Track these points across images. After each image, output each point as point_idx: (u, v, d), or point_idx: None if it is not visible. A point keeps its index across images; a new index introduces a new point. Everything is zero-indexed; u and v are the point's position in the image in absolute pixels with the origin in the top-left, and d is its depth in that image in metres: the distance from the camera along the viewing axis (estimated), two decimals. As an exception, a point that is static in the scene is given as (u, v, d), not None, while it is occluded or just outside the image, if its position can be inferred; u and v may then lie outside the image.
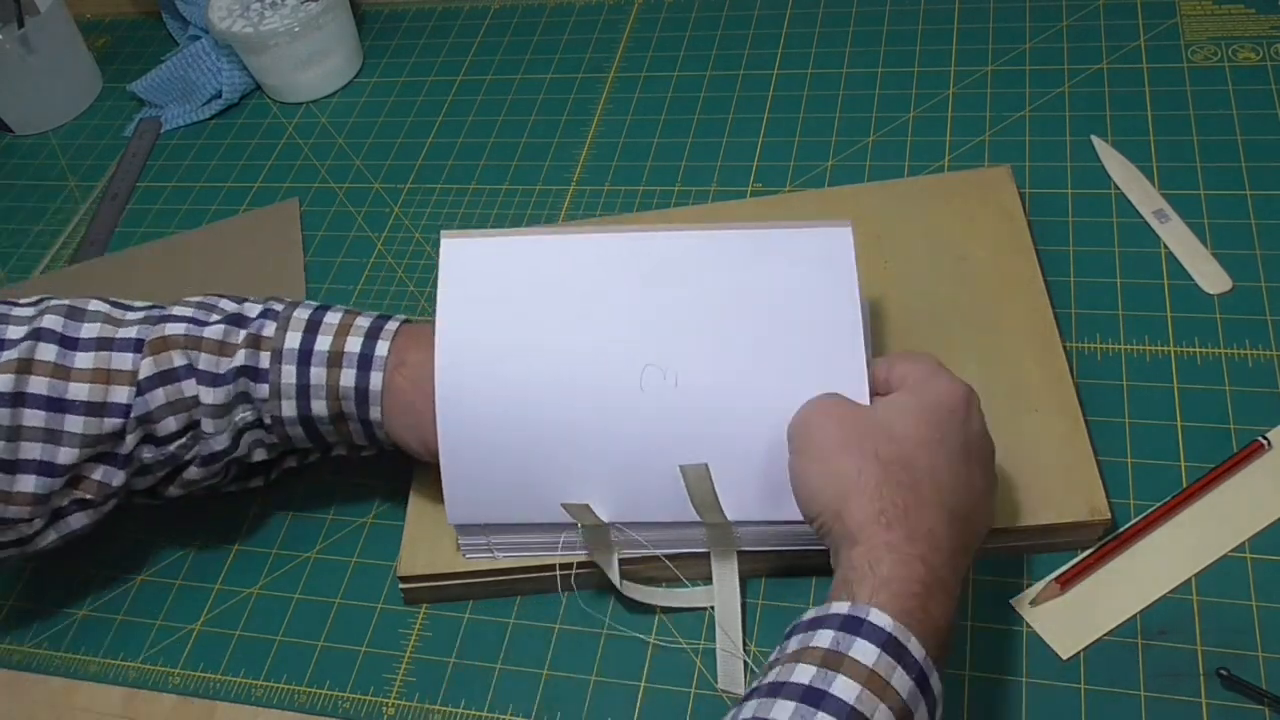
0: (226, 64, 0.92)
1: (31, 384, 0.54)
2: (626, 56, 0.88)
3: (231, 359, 0.56)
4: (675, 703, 0.54)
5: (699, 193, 0.76)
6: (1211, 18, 0.79)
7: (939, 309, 0.62)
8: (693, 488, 0.52)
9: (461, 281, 0.56)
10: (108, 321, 0.56)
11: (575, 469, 0.55)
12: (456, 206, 0.80)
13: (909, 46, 0.82)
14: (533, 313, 0.55)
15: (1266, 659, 0.50)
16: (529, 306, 0.55)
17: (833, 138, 0.78)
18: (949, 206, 0.67)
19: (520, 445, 0.55)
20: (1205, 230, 0.66)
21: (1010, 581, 0.55)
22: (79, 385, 0.55)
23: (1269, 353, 0.60)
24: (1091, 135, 0.73)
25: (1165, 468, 0.57)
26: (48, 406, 0.54)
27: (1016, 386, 0.58)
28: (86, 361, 0.55)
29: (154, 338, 0.56)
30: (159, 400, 0.55)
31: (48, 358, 0.54)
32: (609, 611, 0.58)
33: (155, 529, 0.67)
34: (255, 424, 0.57)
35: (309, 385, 0.56)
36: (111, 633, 0.63)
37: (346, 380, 0.55)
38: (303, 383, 0.56)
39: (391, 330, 0.56)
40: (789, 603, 0.56)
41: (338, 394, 0.56)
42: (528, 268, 0.55)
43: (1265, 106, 0.72)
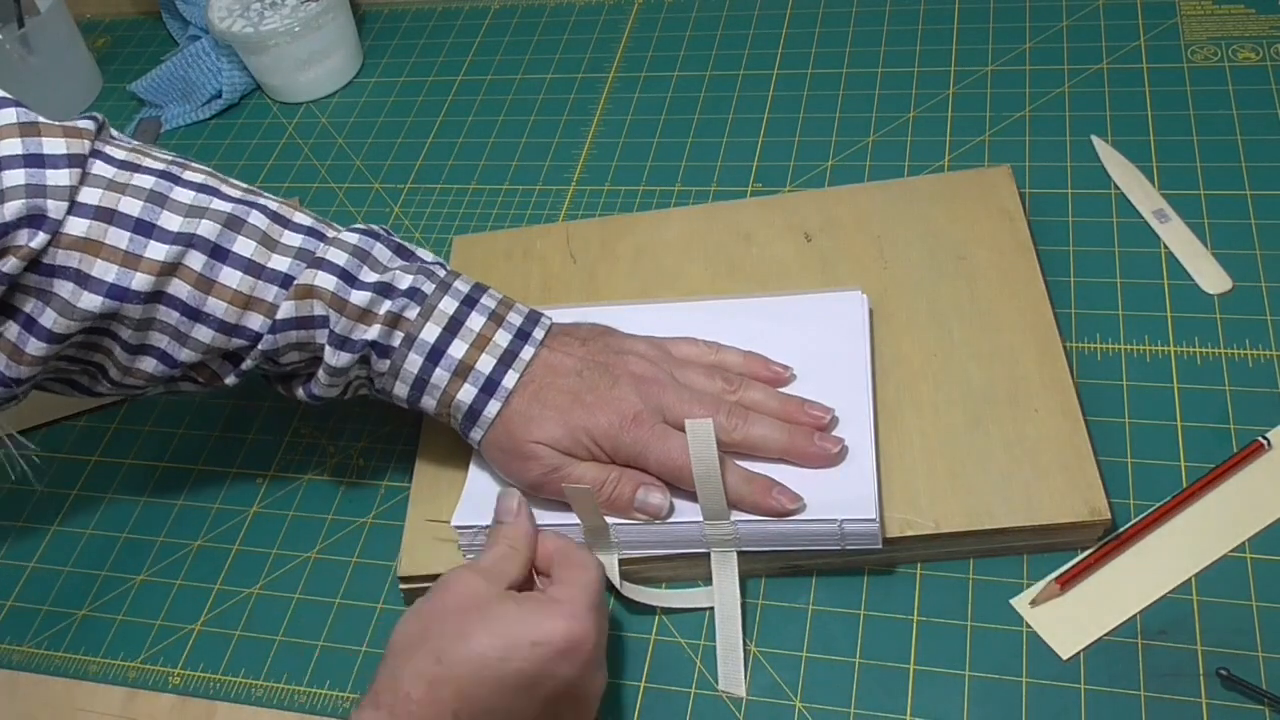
0: (226, 64, 0.92)
1: (173, 286, 0.54)
2: (626, 56, 0.88)
3: (367, 329, 0.55)
4: (675, 703, 0.54)
5: (699, 193, 0.76)
6: (1211, 18, 0.79)
7: (939, 309, 0.62)
8: (695, 445, 0.52)
9: None
10: (264, 243, 0.56)
11: None
12: (456, 206, 0.80)
13: (909, 46, 0.82)
14: None
15: (1266, 659, 0.50)
16: None
17: (833, 138, 0.78)
18: (949, 206, 0.67)
19: None
20: (1205, 230, 0.66)
21: (1010, 581, 0.55)
22: (217, 301, 0.55)
23: (1269, 353, 0.60)
24: (1091, 135, 0.73)
25: (1165, 468, 0.57)
26: (183, 311, 0.55)
27: (1016, 386, 0.58)
28: (231, 280, 0.55)
29: (302, 283, 0.55)
30: (289, 340, 0.56)
31: (194, 266, 0.54)
32: (609, 611, 0.58)
33: (155, 529, 0.67)
34: (365, 380, 0.58)
35: (428, 382, 0.56)
36: (111, 633, 0.63)
37: (465, 396, 0.56)
38: (423, 377, 0.56)
39: (525, 360, 0.56)
40: (789, 603, 0.56)
41: (451, 402, 0.56)
42: None
43: (1265, 106, 0.72)
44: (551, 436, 0.55)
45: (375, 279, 0.56)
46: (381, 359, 0.56)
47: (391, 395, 0.57)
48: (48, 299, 0.53)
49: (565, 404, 0.55)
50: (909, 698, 0.52)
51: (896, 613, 0.55)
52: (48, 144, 0.53)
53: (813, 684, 0.53)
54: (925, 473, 0.56)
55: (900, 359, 0.61)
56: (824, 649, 0.54)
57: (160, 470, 0.70)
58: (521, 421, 0.55)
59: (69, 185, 0.52)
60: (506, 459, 0.56)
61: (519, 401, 0.56)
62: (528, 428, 0.55)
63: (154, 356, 0.56)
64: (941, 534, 0.54)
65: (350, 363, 0.56)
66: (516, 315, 0.58)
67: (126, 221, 0.53)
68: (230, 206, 0.56)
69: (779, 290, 0.65)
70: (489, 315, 0.57)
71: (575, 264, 0.70)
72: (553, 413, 0.55)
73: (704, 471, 0.52)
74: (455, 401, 0.56)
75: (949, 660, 0.53)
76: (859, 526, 0.53)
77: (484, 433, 0.56)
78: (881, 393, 0.59)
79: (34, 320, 0.53)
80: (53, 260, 0.52)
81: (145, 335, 0.55)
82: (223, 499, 0.67)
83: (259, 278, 0.55)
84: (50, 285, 0.53)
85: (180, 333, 0.55)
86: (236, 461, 0.69)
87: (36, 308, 0.53)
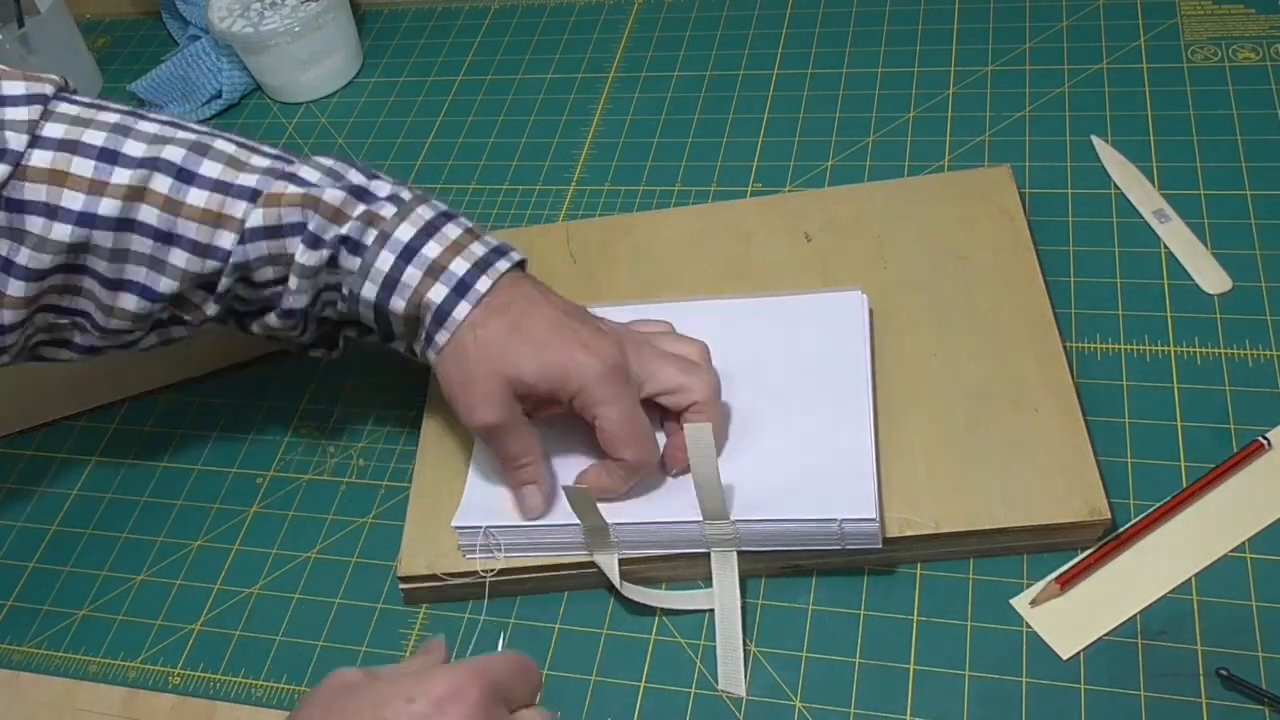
0: (226, 64, 0.92)
1: (142, 212, 0.55)
2: (626, 56, 0.88)
3: (340, 227, 0.55)
4: (675, 703, 0.54)
5: (699, 193, 0.76)
6: (1211, 18, 0.78)
7: (939, 309, 0.62)
8: (694, 449, 0.52)
9: None
10: (230, 165, 0.56)
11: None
12: (456, 206, 0.79)
13: (909, 46, 0.82)
14: None
15: (1266, 659, 0.50)
16: None
17: (833, 138, 0.78)
18: (949, 206, 0.67)
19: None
20: (1205, 230, 0.66)
21: (1010, 581, 0.55)
22: (187, 222, 0.55)
23: (1269, 353, 0.60)
24: (1091, 135, 0.73)
25: (1165, 468, 0.57)
26: (155, 236, 0.55)
27: (1016, 386, 0.58)
28: (199, 199, 0.55)
29: (271, 192, 0.55)
30: (260, 252, 0.56)
31: (160, 189, 0.55)
32: (609, 611, 0.58)
33: (155, 529, 0.67)
34: (335, 288, 0.58)
35: (399, 281, 0.55)
36: (111, 633, 0.63)
37: (435, 295, 0.54)
38: (394, 275, 0.55)
39: (500, 270, 0.55)
40: (789, 603, 0.56)
41: (421, 301, 0.55)
42: None
43: (1265, 106, 0.72)
44: (523, 372, 0.54)
45: (351, 183, 0.56)
46: (352, 256, 0.55)
47: (359, 300, 0.56)
48: (20, 237, 0.54)
49: (545, 336, 0.54)
50: (909, 698, 0.52)
51: (896, 613, 0.55)
52: (6, 85, 0.54)
53: (813, 684, 0.53)
54: (925, 473, 0.56)
55: (900, 359, 0.61)
56: (824, 649, 0.54)
57: (160, 470, 0.70)
58: (496, 349, 0.54)
59: (28, 120, 0.53)
60: (464, 387, 0.55)
61: (497, 325, 0.54)
62: (502, 356, 0.54)
63: (134, 292, 0.56)
64: (941, 534, 0.54)
65: (321, 261, 0.55)
66: (493, 239, 0.57)
67: (90, 150, 0.54)
68: (194, 135, 0.57)
69: (779, 290, 0.65)
70: (465, 230, 0.56)
71: (575, 264, 0.70)
72: (530, 347, 0.54)
73: (703, 473, 0.52)
74: (425, 301, 0.55)
75: (949, 660, 0.53)
76: (859, 526, 0.53)
77: (450, 336, 0.55)
78: (881, 393, 0.59)
79: (10, 261, 0.54)
80: (20, 195, 0.53)
81: (121, 269, 0.56)
82: (223, 499, 0.67)
83: (227, 194, 0.55)
84: (22, 223, 0.54)
85: (155, 259, 0.55)
86: (236, 461, 0.69)
87: (11, 249, 0.54)
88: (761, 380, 0.60)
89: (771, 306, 0.63)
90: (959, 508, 0.54)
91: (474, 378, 0.54)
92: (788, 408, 0.58)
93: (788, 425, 0.57)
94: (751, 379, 0.60)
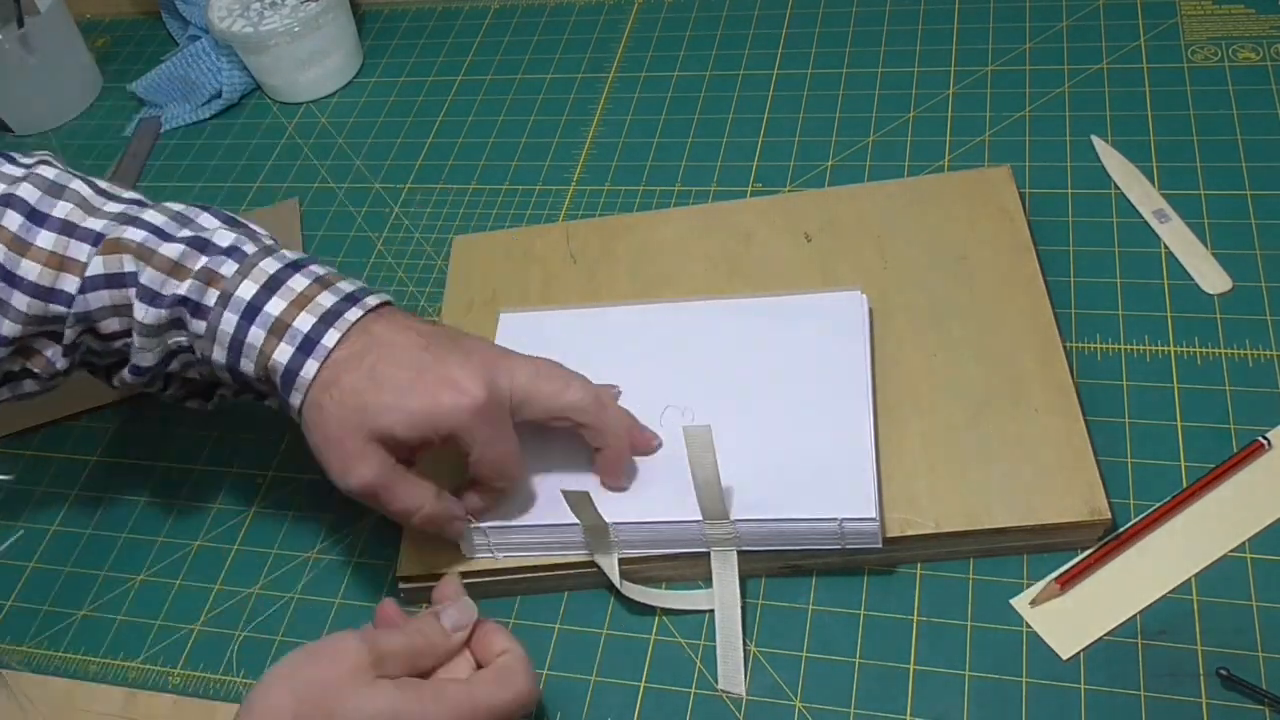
0: (226, 64, 0.92)
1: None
2: (626, 56, 0.88)
3: (179, 285, 0.53)
4: (675, 703, 0.54)
5: (699, 193, 0.76)
6: (1211, 18, 0.78)
7: (939, 309, 0.62)
8: (694, 453, 0.52)
9: (510, 344, 0.58)
10: (80, 206, 0.54)
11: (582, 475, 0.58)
12: (456, 206, 0.80)
13: (909, 46, 0.82)
14: (568, 366, 0.57)
15: (1266, 659, 0.50)
16: (566, 363, 0.57)
17: (833, 138, 0.78)
18: (949, 206, 0.67)
19: (536, 460, 0.58)
20: (1205, 230, 0.66)
21: (1010, 581, 0.55)
22: (31, 264, 0.53)
23: (1269, 353, 0.60)
24: (1091, 135, 0.73)
25: (1165, 468, 0.57)
26: (0, 277, 0.53)
27: (1016, 386, 0.58)
28: (46, 242, 0.53)
29: (111, 237, 0.53)
30: (102, 301, 0.53)
31: (10, 227, 0.53)
32: (609, 611, 0.58)
33: (155, 528, 0.67)
34: (187, 350, 0.55)
35: (244, 342, 0.52)
36: (111, 633, 0.63)
37: (280, 356, 0.51)
38: (239, 337, 0.52)
39: (350, 320, 0.52)
40: (789, 603, 0.56)
41: (268, 365, 0.52)
42: (569, 332, 0.61)
43: (1265, 106, 0.72)
44: (388, 425, 0.50)
45: (189, 234, 0.54)
46: (197, 319, 0.53)
47: (212, 363, 0.54)
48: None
49: (407, 381, 0.51)
50: (909, 698, 0.52)
51: (896, 613, 0.55)
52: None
53: (813, 684, 0.53)
54: (925, 473, 0.56)
55: (900, 359, 0.61)
56: (824, 649, 0.54)
57: (160, 470, 0.70)
58: (355, 404, 0.50)
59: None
60: (330, 450, 0.51)
61: (351, 379, 0.51)
62: (362, 412, 0.50)
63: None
64: (941, 534, 0.54)
65: (160, 320, 0.53)
66: (348, 284, 0.54)
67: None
68: (56, 174, 0.55)
69: (779, 290, 0.65)
70: (315, 279, 0.53)
71: (575, 264, 0.70)
72: (391, 396, 0.50)
73: (703, 474, 0.52)
74: (271, 363, 0.51)
75: (949, 660, 0.53)
76: (859, 526, 0.53)
77: (303, 398, 0.51)
78: (881, 393, 0.59)
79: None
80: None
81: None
82: (223, 499, 0.67)
83: (72, 236, 0.53)
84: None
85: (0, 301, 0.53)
86: (236, 462, 0.69)
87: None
88: (762, 380, 0.60)
89: (771, 306, 0.63)
90: (959, 508, 0.54)
91: (337, 440, 0.51)
92: (788, 408, 0.58)
93: (788, 425, 0.57)
94: (752, 379, 0.60)
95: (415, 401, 0.50)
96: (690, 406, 0.59)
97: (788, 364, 0.60)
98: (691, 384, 0.60)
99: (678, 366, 0.61)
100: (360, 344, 0.52)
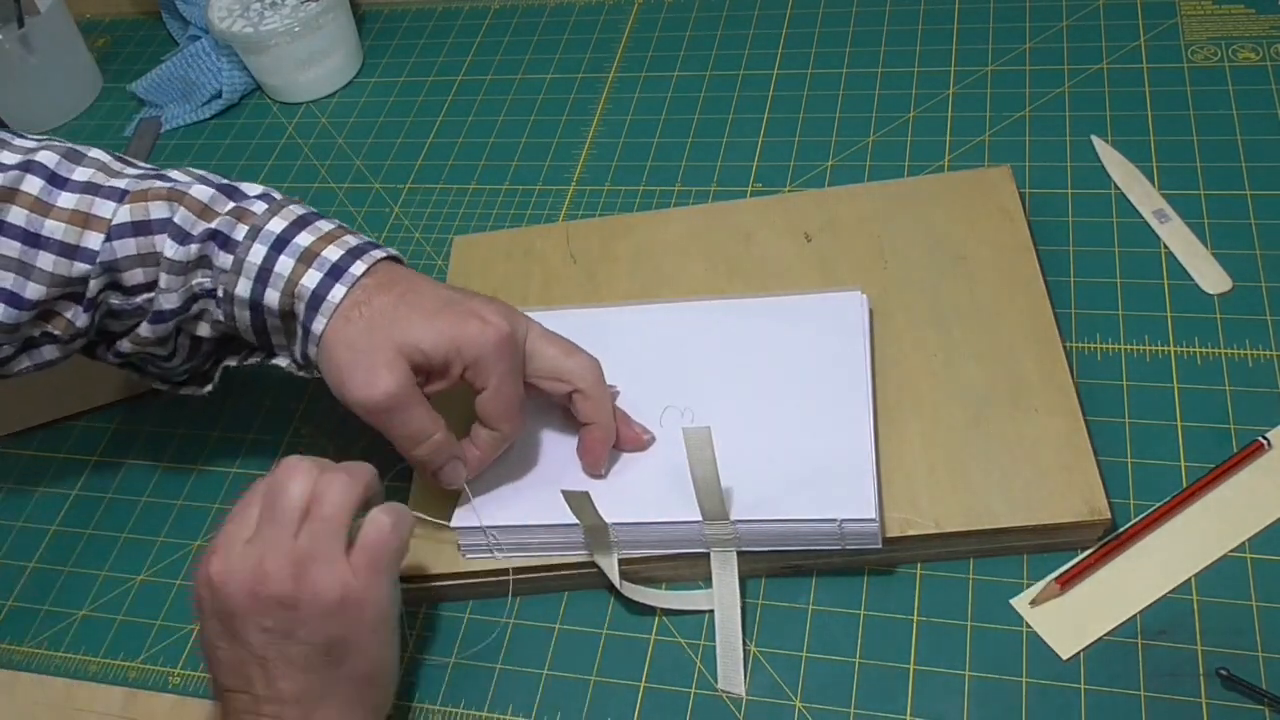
0: (226, 64, 0.92)
1: (11, 214, 0.54)
2: (626, 56, 0.88)
3: (209, 222, 0.54)
4: (675, 703, 0.54)
5: (699, 193, 0.76)
6: (1211, 18, 0.79)
7: (939, 309, 0.62)
8: (693, 454, 0.52)
9: None
10: (102, 170, 0.55)
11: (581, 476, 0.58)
12: (456, 206, 0.80)
13: (909, 46, 0.82)
14: None
15: (1266, 659, 0.50)
16: None
17: (833, 138, 0.78)
18: (949, 206, 0.67)
19: (536, 459, 0.59)
20: (1205, 230, 0.66)
21: (1010, 581, 0.55)
22: (55, 223, 0.54)
23: (1269, 353, 0.60)
24: (1091, 135, 0.73)
25: (1165, 468, 0.57)
26: (23, 239, 0.54)
27: (1016, 386, 0.58)
28: (69, 202, 0.54)
29: (138, 189, 0.54)
30: (128, 250, 0.54)
31: (31, 190, 0.54)
32: (609, 611, 0.58)
33: (155, 529, 0.67)
34: (209, 293, 0.56)
35: (271, 271, 0.53)
36: (111, 633, 0.63)
37: (309, 280, 0.53)
38: (267, 266, 0.53)
39: (376, 257, 0.54)
40: (789, 603, 0.56)
41: (294, 291, 0.53)
42: (569, 332, 0.60)
43: (1265, 106, 0.72)
44: (418, 340, 0.52)
45: (220, 182, 0.55)
46: (224, 253, 0.54)
47: (234, 300, 0.54)
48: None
49: (436, 307, 0.53)
50: (909, 698, 0.52)
51: (896, 613, 0.55)
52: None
53: (813, 684, 0.53)
54: (925, 473, 0.56)
55: (900, 359, 0.61)
56: (824, 649, 0.54)
57: (160, 470, 0.70)
58: (386, 319, 0.52)
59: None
60: (355, 361, 0.52)
61: (383, 299, 0.53)
62: (393, 325, 0.52)
63: (2, 300, 0.55)
64: (941, 534, 0.54)
65: (189, 257, 0.54)
66: (364, 237, 0.56)
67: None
68: (69, 145, 0.56)
69: (779, 290, 0.65)
70: (338, 225, 0.56)
71: (575, 264, 0.70)
72: (422, 316, 0.52)
73: (702, 474, 0.52)
74: (299, 288, 0.53)
75: (949, 660, 0.53)
76: (859, 526, 0.53)
77: (327, 321, 0.52)
78: (881, 393, 0.59)
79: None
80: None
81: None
82: (223, 499, 0.67)
83: (96, 194, 0.54)
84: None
85: (23, 264, 0.54)
86: (236, 462, 0.69)
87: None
88: (761, 380, 0.60)
89: (771, 306, 0.63)
90: (959, 508, 0.54)
91: (365, 349, 0.52)
92: (788, 408, 0.58)
93: (788, 425, 0.57)
94: (751, 379, 0.60)
95: (444, 323, 0.52)
96: (690, 407, 0.59)
97: (787, 364, 0.60)
98: (691, 384, 0.60)
99: (677, 367, 0.61)
100: (387, 277, 0.54)
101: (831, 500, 0.53)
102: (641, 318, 0.64)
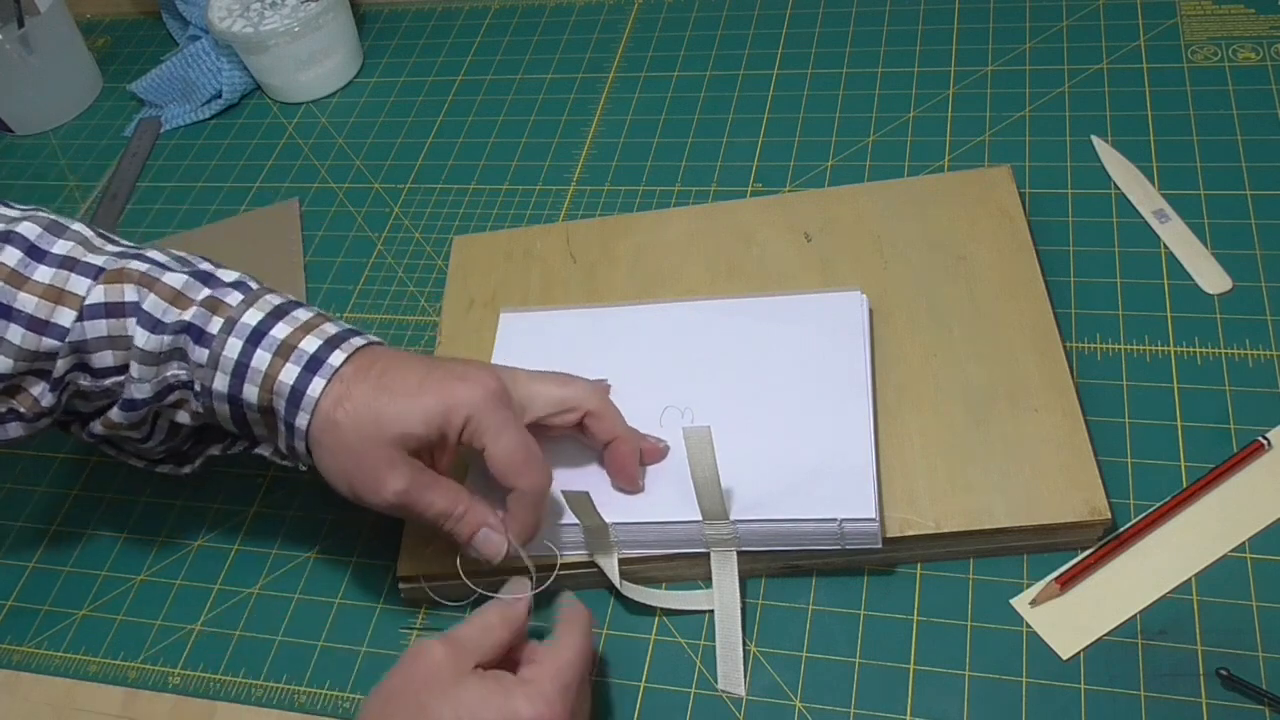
0: (226, 64, 0.92)
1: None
2: (626, 56, 0.88)
3: (181, 312, 0.52)
4: (675, 703, 0.54)
5: (699, 193, 0.76)
6: (1211, 18, 0.79)
7: (939, 309, 0.62)
8: (693, 454, 0.52)
9: (511, 343, 0.64)
10: (82, 245, 0.55)
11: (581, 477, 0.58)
12: (456, 206, 0.80)
13: (909, 46, 0.82)
14: (568, 366, 0.58)
15: (1266, 659, 0.50)
16: (566, 363, 0.59)
17: (833, 138, 0.78)
18: (949, 206, 0.67)
19: None
20: (1205, 230, 0.66)
21: (1010, 581, 0.55)
22: (28, 297, 0.53)
23: (1269, 353, 0.60)
24: (1091, 135, 0.73)
25: (1165, 468, 0.57)
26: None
27: (1016, 386, 0.58)
28: (45, 276, 0.53)
29: (114, 268, 0.53)
30: (99, 331, 0.53)
31: (9, 262, 0.53)
32: (609, 611, 0.58)
33: (156, 529, 0.67)
34: (186, 385, 0.54)
35: (249, 366, 0.51)
36: (111, 633, 0.63)
37: (287, 376, 0.51)
38: (243, 361, 0.52)
39: (355, 345, 0.52)
40: (789, 603, 0.56)
41: (273, 387, 0.51)
42: (569, 332, 0.61)
43: (1265, 106, 0.72)
44: (408, 426, 0.50)
45: (195, 268, 0.54)
46: (199, 346, 0.52)
47: (213, 395, 0.53)
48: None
49: (416, 383, 0.51)
50: (909, 698, 0.52)
51: (896, 613, 0.55)
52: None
53: (813, 684, 0.53)
54: (925, 473, 0.56)
55: (900, 359, 0.61)
56: (824, 649, 0.54)
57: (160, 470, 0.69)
58: (371, 414, 0.50)
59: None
60: (355, 466, 0.51)
61: (362, 391, 0.51)
62: (379, 419, 0.50)
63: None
64: (941, 534, 0.54)
65: (161, 348, 0.53)
66: (343, 324, 0.54)
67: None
68: (52, 217, 0.55)
69: (779, 290, 0.65)
70: (316, 313, 0.54)
71: (575, 264, 0.70)
72: (405, 399, 0.50)
73: (703, 474, 0.52)
74: (277, 385, 0.51)
75: (949, 660, 0.53)
76: (859, 526, 0.53)
77: (309, 418, 0.51)
78: (881, 393, 0.59)
79: None
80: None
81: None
82: (223, 499, 0.67)
83: (72, 270, 0.53)
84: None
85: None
86: (236, 462, 0.69)
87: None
88: (761, 380, 0.60)
89: (771, 306, 0.63)
90: (959, 508, 0.54)
91: (360, 452, 0.50)
92: (788, 408, 0.58)
93: (788, 425, 0.57)
94: (751, 379, 0.60)
95: (429, 397, 0.51)
96: (690, 407, 0.59)
97: (788, 364, 0.60)
98: (691, 384, 0.60)
99: (677, 367, 0.61)
100: (365, 361, 0.52)
101: (831, 500, 0.53)
102: (641, 318, 0.64)
